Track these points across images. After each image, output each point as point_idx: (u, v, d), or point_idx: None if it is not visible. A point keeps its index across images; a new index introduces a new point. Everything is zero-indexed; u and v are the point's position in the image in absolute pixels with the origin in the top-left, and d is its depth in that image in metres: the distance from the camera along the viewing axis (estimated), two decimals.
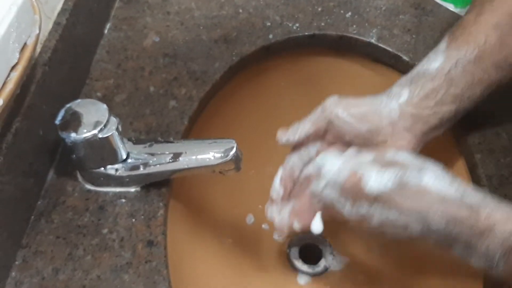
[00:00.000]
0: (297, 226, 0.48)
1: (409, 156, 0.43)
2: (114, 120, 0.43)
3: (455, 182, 0.40)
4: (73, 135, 0.42)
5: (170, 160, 0.45)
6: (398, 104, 0.46)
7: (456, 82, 0.46)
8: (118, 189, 0.47)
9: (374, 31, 0.60)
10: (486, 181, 0.49)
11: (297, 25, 0.60)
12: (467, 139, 0.53)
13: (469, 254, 0.39)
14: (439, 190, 0.39)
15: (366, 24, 0.60)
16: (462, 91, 0.46)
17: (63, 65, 0.49)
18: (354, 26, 0.60)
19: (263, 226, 0.63)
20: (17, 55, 0.38)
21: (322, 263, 0.61)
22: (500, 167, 0.50)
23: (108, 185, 0.47)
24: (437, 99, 0.46)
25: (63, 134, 0.42)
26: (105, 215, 0.46)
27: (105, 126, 0.42)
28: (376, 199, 0.40)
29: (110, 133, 0.43)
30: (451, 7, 0.63)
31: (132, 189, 0.47)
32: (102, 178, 0.46)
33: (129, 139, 0.47)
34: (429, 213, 0.38)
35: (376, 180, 0.40)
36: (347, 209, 0.42)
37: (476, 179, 0.51)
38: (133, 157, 0.46)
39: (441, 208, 0.38)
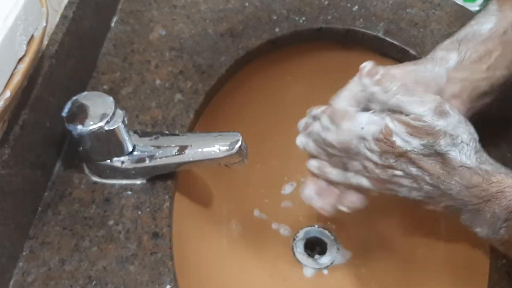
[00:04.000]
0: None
1: (451, 123, 0.40)
2: (120, 113, 0.43)
3: (479, 152, 0.40)
4: (79, 127, 0.42)
5: (176, 153, 0.46)
6: (446, 69, 0.44)
7: None
8: (124, 182, 0.47)
9: (381, 24, 0.60)
10: None
11: (303, 18, 0.60)
12: None
13: (475, 221, 0.40)
14: (461, 159, 0.39)
15: (373, 18, 0.60)
16: None
17: (70, 58, 0.49)
18: (361, 19, 0.60)
19: (268, 219, 0.63)
20: (24, 47, 0.39)
21: (327, 257, 0.61)
22: (506, 162, 0.49)
23: (114, 177, 0.47)
24: (490, 62, 0.43)
25: (70, 126, 0.42)
26: (111, 207, 0.46)
27: (111, 118, 0.43)
28: (402, 155, 0.40)
29: (116, 126, 0.43)
30: (459, 0, 0.62)
31: (138, 182, 0.47)
32: (108, 170, 0.47)
33: (135, 132, 0.47)
34: (446, 178, 0.39)
35: (406, 141, 0.40)
36: (375, 158, 0.42)
37: None
38: (139, 150, 0.46)
39: (458, 173, 0.39)
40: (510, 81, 0.44)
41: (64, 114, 0.43)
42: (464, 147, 0.40)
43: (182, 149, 0.46)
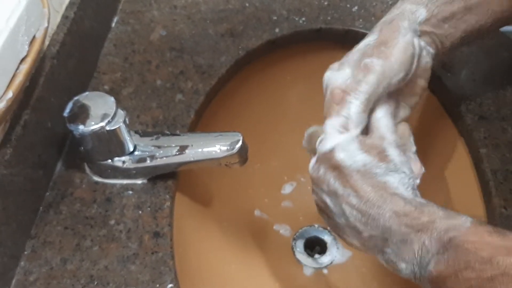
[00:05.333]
0: None
1: (396, 152, 0.40)
2: (121, 113, 0.44)
3: (415, 191, 0.40)
4: (81, 127, 0.42)
5: (177, 153, 0.46)
6: (416, 24, 0.45)
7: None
8: (125, 181, 0.48)
9: None
10: (491, 176, 0.49)
11: (303, 19, 0.60)
12: (472, 134, 0.53)
13: (401, 255, 0.37)
14: (397, 187, 0.39)
15: (373, 18, 0.60)
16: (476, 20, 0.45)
17: (71, 58, 0.49)
18: (361, 20, 0.60)
19: (268, 219, 0.63)
20: (26, 48, 0.39)
21: (327, 256, 0.61)
22: (505, 162, 0.50)
23: (115, 177, 0.47)
24: (452, 23, 0.45)
25: (71, 126, 0.43)
26: (112, 207, 0.46)
27: (112, 118, 0.43)
28: (336, 168, 0.40)
29: (117, 126, 0.43)
30: None
31: (139, 181, 0.48)
32: (109, 170, 0.47)
33: (136, 132, 0.47)
34: (378, 201, 0.38)
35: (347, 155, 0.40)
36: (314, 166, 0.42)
37: (481, 174, 0.51)
38: (140, 150, 0.46)
39: (391, 200, 0.38)
40: (464, 41, 0.46)
41: (65, 114, 0.43)
42: (404, 178, 0.39)
43: (182, 149, 0.46)
